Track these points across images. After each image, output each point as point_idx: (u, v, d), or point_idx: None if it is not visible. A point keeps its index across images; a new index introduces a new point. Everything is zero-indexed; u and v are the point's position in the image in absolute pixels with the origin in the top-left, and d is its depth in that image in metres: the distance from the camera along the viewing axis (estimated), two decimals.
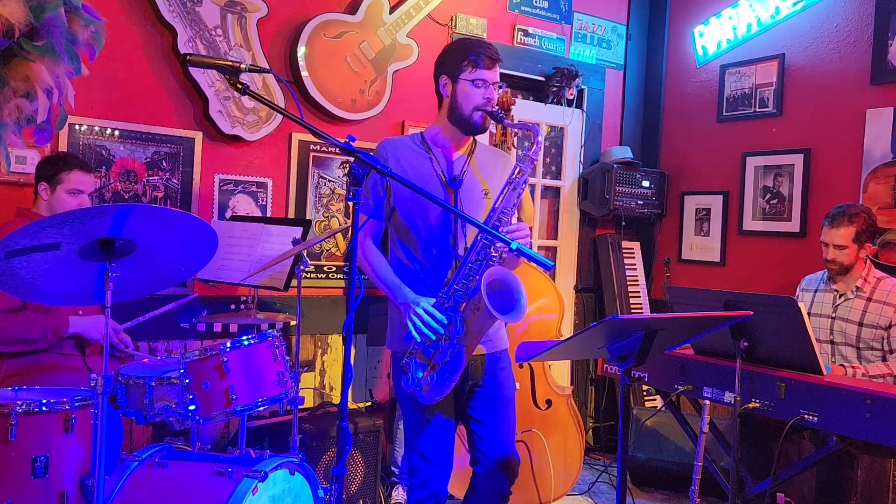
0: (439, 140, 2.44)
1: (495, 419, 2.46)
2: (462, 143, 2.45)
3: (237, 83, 1.82)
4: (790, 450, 3.27)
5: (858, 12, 4.08)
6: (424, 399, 2.29)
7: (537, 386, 3.65)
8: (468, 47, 2.36)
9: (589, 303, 5.00)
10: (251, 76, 3.40)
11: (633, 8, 5.09)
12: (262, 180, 3.67)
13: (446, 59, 2.40)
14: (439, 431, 2.40)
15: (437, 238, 2.37)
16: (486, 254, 2.23)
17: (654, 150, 5.11)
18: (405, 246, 2.41)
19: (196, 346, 3.36)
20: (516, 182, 2.29)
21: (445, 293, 2.26)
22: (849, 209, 3.21)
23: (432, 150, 2.42)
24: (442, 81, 2.40)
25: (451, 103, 2.38)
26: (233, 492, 2.30)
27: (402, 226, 2.40)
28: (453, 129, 2.41)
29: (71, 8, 2.20)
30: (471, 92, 2.33)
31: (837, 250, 3.19)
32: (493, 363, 2.47)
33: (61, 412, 2.13)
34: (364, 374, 4.00)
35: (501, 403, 2.48)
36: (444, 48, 2.46)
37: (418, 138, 2.46)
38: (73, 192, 2.74)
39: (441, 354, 2.23)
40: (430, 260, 2.37)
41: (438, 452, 2.40)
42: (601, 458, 4.64)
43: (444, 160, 2.42)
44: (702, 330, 2.31)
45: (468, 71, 2.33)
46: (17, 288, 2.05)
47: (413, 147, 2.43)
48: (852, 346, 3.20)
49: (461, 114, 2.36)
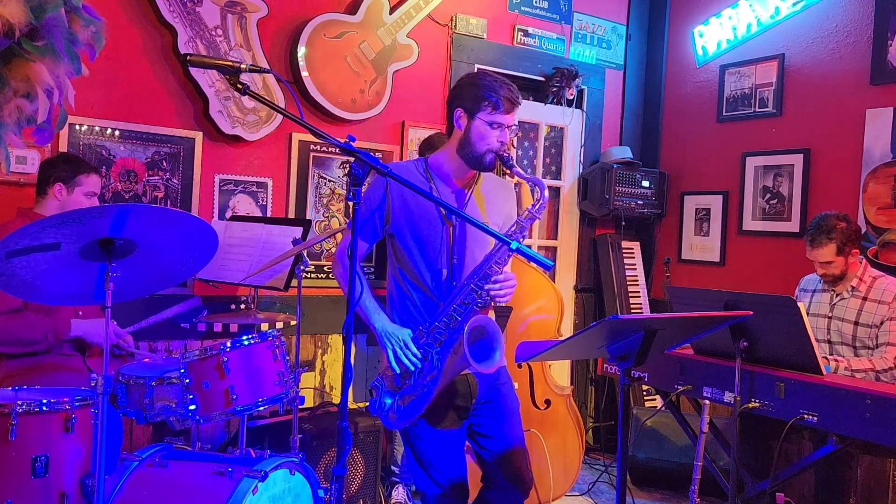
0: (443, 170, 2.37)
1: (503, 432, 2.40)
2: (466, 176, 2.37)
3: (237, 83, 1.82)
4: (790, 449, 3.27)
5: (858, 12, 4.08)
6: (390, 425, 2.29)
7: (536, 386, 3.65)
8: (490, 87, 2.26)
9: (589, 303, 5.00)
10: (251, 76, 3.41)
11: (633, 8, 5.09)
12: (263, 180, 3.67)
13: (465, 94, 2.30)
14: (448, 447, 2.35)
15: (432, 271, 2.33)
16: (472, 299, 2.21)
17: (653, 150, 5.11)
18: (403, 273, 2.37)
19: (196, 345, 3.36)
20: (514, 235, 2.24)
21: (426, 329, 2.24)
22: (824, 224, 3.17)
23: (434, 180, 2.35)
24: (457, 114, 2.31)
25: (463, 138, 2.30)
26: (233, 492, 2.30)
27: (401, 252, 2.36)
28: (460, 162, 2.33)
29: (71, 8, 2.20)
30: (486, 133, 2.26)
31: (825, 265, 3.22)
32: (493, 379, 2.40)
33: (61, 412, 2.13)
34: (364, 374, 4.00)
35: (507, 415, 2.43)
36: (463, 79, 2.37)
37: (422, 165, 2.38)
38: (90, 194, 2.78)
39: (411, 389, 2.23)
40: (425, 292, 2.33)
41: (451, 469, 2.35)
42: (601, 458, 4.64)
43: (447, 191, 2.36)
44: (702, 330, 2.32)
45: (487, 111, 2.25)
46: (18, 288, 2.05)
47: (416, 175, 2.35)
48: (849, 346, 3.20)
49: (473, 151, 2.29)
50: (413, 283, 2.35)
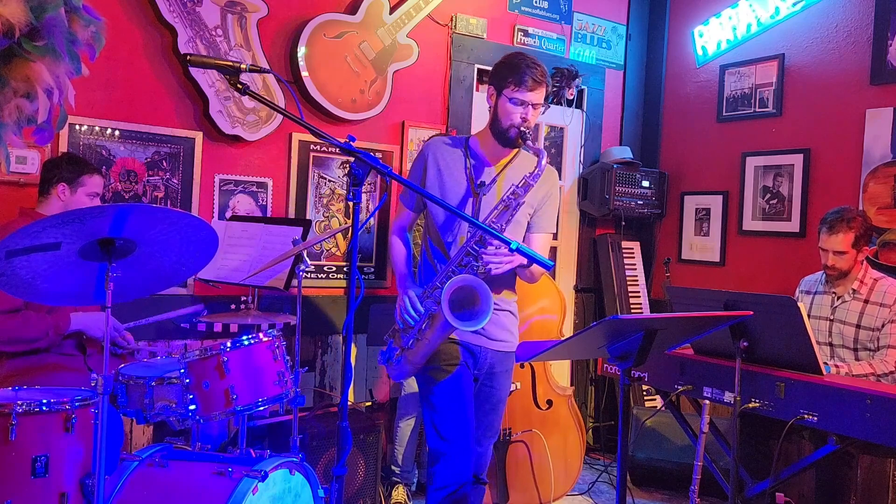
0: (480, 148, 2.54)
1: (482, 417, 2.57)
2: (500, 156, 2.54)
3: (237, 83, 1.82)
4: (790, 449, 3.27)
5: (858, 12, 4.08)
6: (393, 376, 2.54)
7: (538, 386, 3.65)
8: (517, 65, 2.41)
9: (589, 303, 5.00)
10: (251, 76, 3.41)
11: (632, 8, 5.09)
12: (263, 180, 3.67)
13: (495, 71, 2.48)
14: (458, 411, 2.47)
15: (452, 237, 2.50)
16: (468, 262, 2.37)
17: (653, 150, 5.11)
18: (430, 241, 2.58)
19: (196, 345, 3.37)
20: (509, 201, 2.39)
21: (429, 288, 2.42)
22: (845, 214, 3.19)
23: (470, 155, 2.53)
24: (489, 91, 2.50)
25: (493, 114, 2.48)
26: (233, 492, 2.30)
27: (430, 219, 2.56)
28: (492, 140, 2.50)
29: (71, 8, 2.20)
30: (510, 108, 2.42)
31: (837, 256, 3.17)
32: (499, 362, 2.59)
33: (62, 412, 2.13)
34: (364, 373, 4.00)
35: (492, 403, 2.61)
36: (501, 59, 2.51)
37: (463, 142, 2.57)
38: (93, 195, 2.80)
39: (409, 340, 2.41)
40: (445, 257, 2.50)
41: (456, 431, 2.46)
42: (601, 458, 4.64)
43: (480, 165, 2.52)
44: (702, 330, 2.32)
45: (511, 88, 2.40)
46: (18, 288, 2.05)
47: (454, 149, 2.55)
48: (850, 349, 3.20)
49: (499, 126, 2.46)
50: (436, 249, 2.53)
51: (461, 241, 2.46)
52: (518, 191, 2.39)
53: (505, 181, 2.50)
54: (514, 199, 2.39)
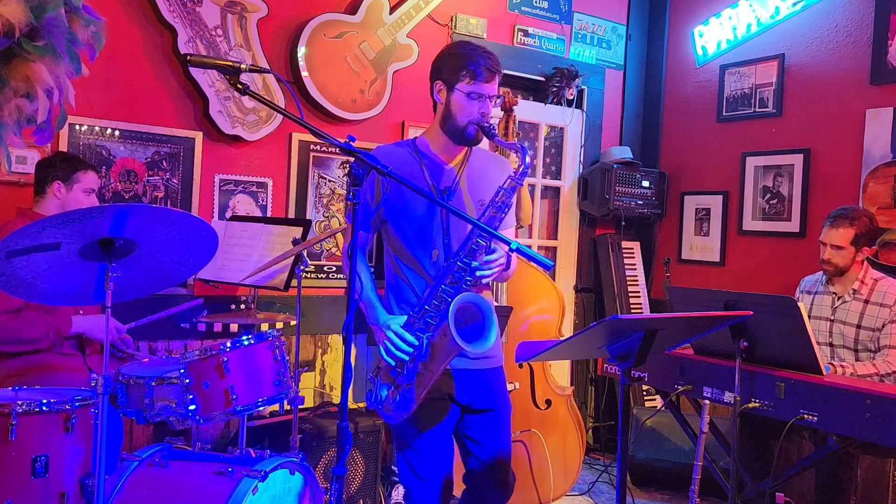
0: (431, 149, 2.30)
1: (494, 443, 2.35)
2: (455, 153, 2.31)
3: (237, 83, 1.82)
4: (790, 449, 3.28)
5: (858, 12, 4.08)
6: (387, 418, 2.22)
7: (537, 386, 3.65)
8: (467, 55, 2.19)
9: (589, 303, 5.00)
10: (251, 76, 3.41)
11: (632, 8, 5.09)
12: (263, 180, 3.67)
13: (443, 65, 2.24)
14: (436, 447, 2.27)
15: (425, 252, 2.26)
16: (460, 277, 2.13)
17: (653, 150, 5.11)
18: (398, 258, 2.30)
19: (196, 345, 3.37)
20: (497, 204, 2.20)
21: (416, 313, 2.16)
22: (851, 211, 3.20)
23: (423, 161, 2.28)
24: (437, 87, 2.25)
25: (444, 112, 2.24)
26: (233, 492, 2.30)
27: (395, 238, 2.30)
28: (445, 139, 2.27)
29: (71, 8, 2.20)
30: (466, 104, 2.19)
31: (834, 251, 3.17)
32: (488, 381, 2.34)
33: (61, 412, 2.13)
34: (364, 373, 4.00)
35: (501, 426, 2.37)
36: (442, 51, 2.29)
37: (410, 146, 2.32)
38: (89, 191, 2.79)
39: (406, 377, 2.13)
40: (420, 274, 2.26)
41: (434, 470, 2.28)
42: (601, 458, 4.64)
43: (436, 170, 2.28)
44: (702, 330, 2.32)
45: (465, 82, 2.18)
46: (18, 288, 2.05)
47: (405, 156, 2.29)
48: (850, 349, 3.20)
49: (454, 124, 2.22)
50: (408, 267, 2.27)
51: (435, 256, 2.23)
52: (506, 192, 2.19)
53: (467, 182, 2.29)
54: (503, 200, 2.20)
